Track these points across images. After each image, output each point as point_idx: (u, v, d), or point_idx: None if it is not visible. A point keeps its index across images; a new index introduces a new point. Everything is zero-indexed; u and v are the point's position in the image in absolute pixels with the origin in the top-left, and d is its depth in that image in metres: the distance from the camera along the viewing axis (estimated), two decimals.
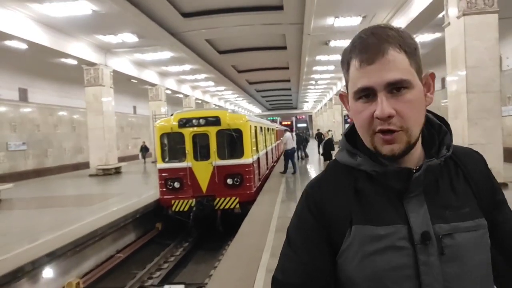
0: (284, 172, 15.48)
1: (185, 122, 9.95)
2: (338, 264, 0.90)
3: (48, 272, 6.20)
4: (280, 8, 13.97)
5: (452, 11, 9.17)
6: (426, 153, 0.94)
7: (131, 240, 9.33)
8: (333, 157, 1.02)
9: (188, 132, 9.95)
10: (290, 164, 15.66)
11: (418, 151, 0.92)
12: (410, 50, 0.86)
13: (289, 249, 0.95)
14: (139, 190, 12.67)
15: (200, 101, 34.48)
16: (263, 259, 5.36)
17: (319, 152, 22.95)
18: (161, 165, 10.16)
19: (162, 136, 10.13)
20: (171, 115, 10.73)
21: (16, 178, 16.75)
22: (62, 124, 21.52)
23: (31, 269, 5.63)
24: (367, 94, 0.85)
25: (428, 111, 0.95)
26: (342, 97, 0.98)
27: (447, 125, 0.97)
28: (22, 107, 18.65)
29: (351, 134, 0.98)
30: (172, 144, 10.25)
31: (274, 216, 8.04)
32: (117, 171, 17.77)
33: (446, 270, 0.84)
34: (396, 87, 0.83)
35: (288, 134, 16.24)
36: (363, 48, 0.85)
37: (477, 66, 8.67)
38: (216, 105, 39.63)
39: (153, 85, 23.54)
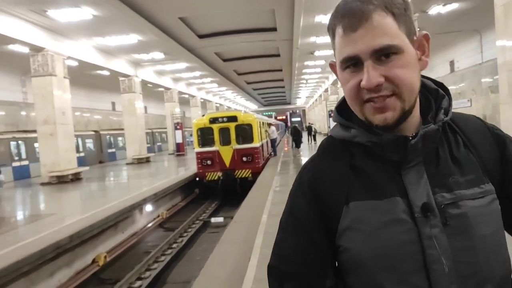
0: (274, 155, 20.23)
1: (213, 120, 14.52)
2: (340, 246, 0.83)
3: (149, 207, 10.74)
4: (274, 29, 18.24)
5: None
6: (423, 120, 0.86)
7: (180, 199, 13.87)
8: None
9: (216, 126, 14.51)
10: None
11: (415, 118, 0.84)
12: (399, 11, 0.77)
13: (282, 235, 0.90)
14: (176, 170, 17.19)
15: (202, 100, 38.59)
16: (269, 197, 9.46)
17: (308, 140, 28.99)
18: (198, 149, 14.69)
19: (198, 130, 14.67)
20: (203, 115, 15.30)
21: None
22: None
23: (153, 198, 10.18)
24: (354, 63, 0.78)
25: (424, 76, 0.89)
26: (333, 66, 0.89)
27: (445, 90, 0.88)
28: None
29: (344, 107, 0.90)
30: (205, 135, 14.74)
31: (275, 180, 12.50)
32: (147, 160, 22.10)
33: (455, 243, 0.77)
34: (384, 54, 0.76)
35: (273, 127, 21.44)
36: (346, 13, 0.77)
37: None
38: (216, 103, 44.16)
39: (168, 89, 27.67)
